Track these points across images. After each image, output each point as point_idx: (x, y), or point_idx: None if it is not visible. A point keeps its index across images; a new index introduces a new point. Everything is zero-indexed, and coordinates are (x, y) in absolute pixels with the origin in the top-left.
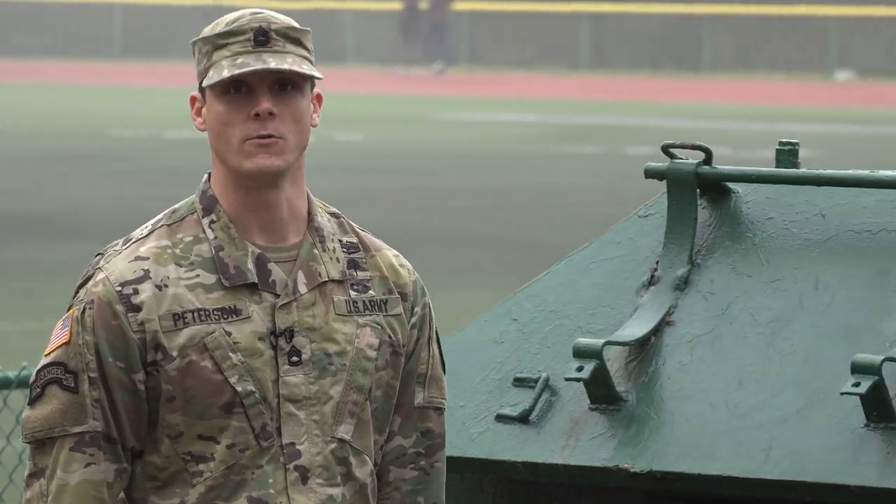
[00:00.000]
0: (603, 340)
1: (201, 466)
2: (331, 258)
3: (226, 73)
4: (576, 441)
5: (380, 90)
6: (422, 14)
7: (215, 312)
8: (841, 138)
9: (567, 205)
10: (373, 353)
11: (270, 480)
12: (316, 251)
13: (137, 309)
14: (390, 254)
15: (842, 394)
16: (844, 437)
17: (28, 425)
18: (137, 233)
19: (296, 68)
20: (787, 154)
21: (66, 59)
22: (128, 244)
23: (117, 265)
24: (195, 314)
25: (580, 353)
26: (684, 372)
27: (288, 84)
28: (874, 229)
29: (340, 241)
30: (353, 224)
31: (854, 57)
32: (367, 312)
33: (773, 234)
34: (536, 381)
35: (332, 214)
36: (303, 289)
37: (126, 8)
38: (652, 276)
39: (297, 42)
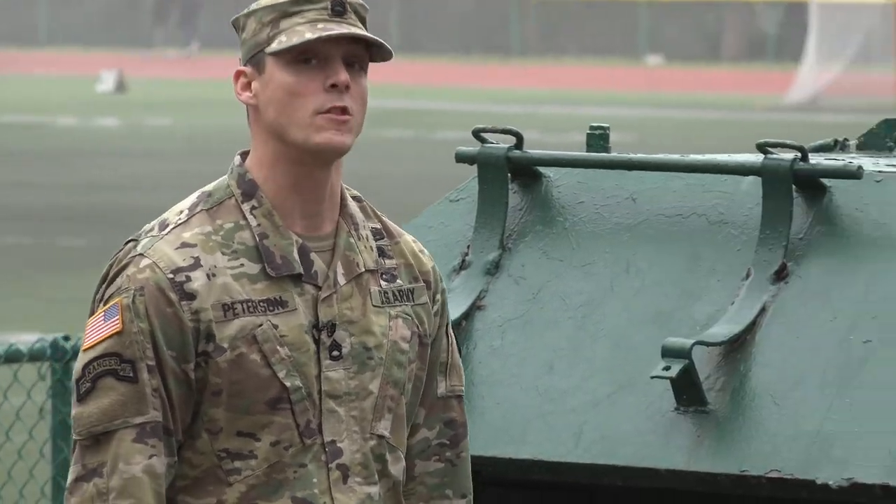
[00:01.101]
0: None
1: (238, 464)
2: (365, 247)
3: (309, 35)
4: None
5: (163, 74)
6: None
7: (262, 304)
8: (651, 123)
9: (378, 189)
10: (406, 346)
11: (315, 480)
12: (352, 240)
13: (191, 297)
14: (410, 239)
15: (652, 377)
16: (654, 420)
17: (81, 422)
18: (173, 217)
19: (379, 39)
20: (598, 138)
21: None
22: (167, 229)
23: (164, 251)
24: (244, 305)
25: None
26: (495, 356)
27: (356, 61)
28: (685, 213)
29: (369, 228)
30: (374, 207)
31: (664, 42)
32: (398, 303)
33: (583, 217)
34: None
35: (355, 198)
36: (342, 280)
37: None
38: (463, 261)
39: (364, 21)
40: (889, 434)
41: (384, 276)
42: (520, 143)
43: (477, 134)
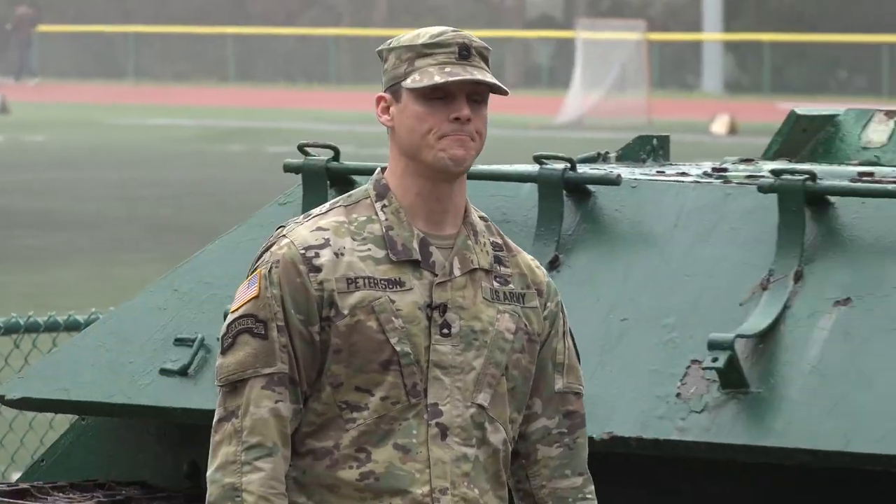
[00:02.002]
0: None
1: (354, 414)
2: (482, 250)
3: (437, 79)
4: None
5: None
6: (9, 33)
7: (382, 282)
8: None
9: (218, 194)
10: (510, 336)
11: (414, 432)
12: (470, 242)
13: (318, 270)
14: (528, 257)
15: None
16: None
17: (222, 371)
18: (317, 210)
19: (497, 83)
20: None
21: None
22: (308, 218)
23: (301, 233)
24: (366, 280)
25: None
26: None
27: (478, 96)
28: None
29: (489, 239)
30: (498, 228)
31: None
32: (507, 302)
33: None
34: (194, 341)
35: (482, 217)
36: (457, 272)
37: None
38: None
39: (486, 60)
40: (641, 395)
41: (497, 278)
42: (337, 156)
43: (301, 148)
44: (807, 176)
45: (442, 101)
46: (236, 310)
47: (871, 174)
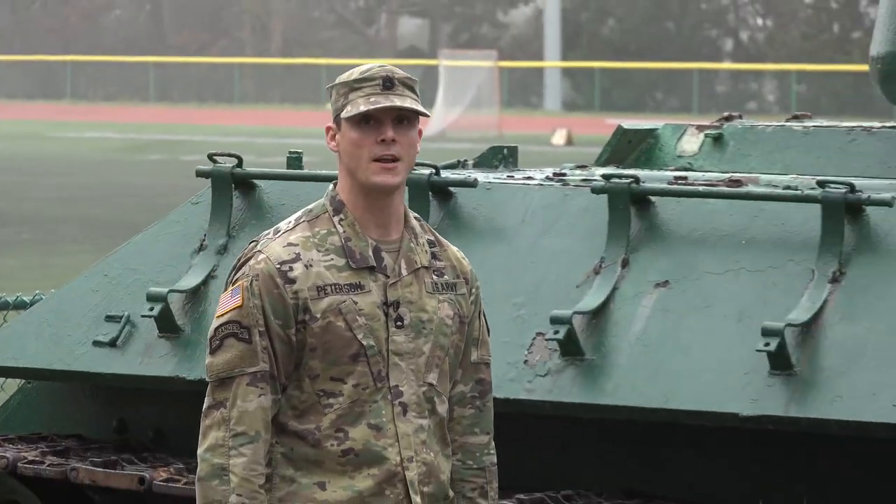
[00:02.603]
0: (167, 289)
1: (331, 400)
2: (421, 249)
3: (363, 108)
4: (149, 359)
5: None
6: None
7: (346, 286)
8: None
9: (140, 196)
10: (449, 322)
11: (383, 412)
12: (412, 244)
13: (292, 281)
14: (455, 249)
15: None
16: None
17: (213, 368)
18: (284, 226)
19: (414, 107)
20: (295, 160)
21: None
22: (278, 234)
23: (275, 249)
24: (332, 287)
25: (152, 298)
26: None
27: (404, 119)
28: None
29: (425, 238)
30: (430, 226)
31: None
32: (445, 292)
33: (285, 214)
34: (121, 317)
35: (416, 218)
36: (404, 272)
37: None
38: (201, 245)
39: (412, 89)
40: (495, 362)
41: (435, 272)
42: (240, 164)
43: (210, 157)
44: (632, 179)
45: (371, 126)
46: (221, 315)
47: (685, 178)
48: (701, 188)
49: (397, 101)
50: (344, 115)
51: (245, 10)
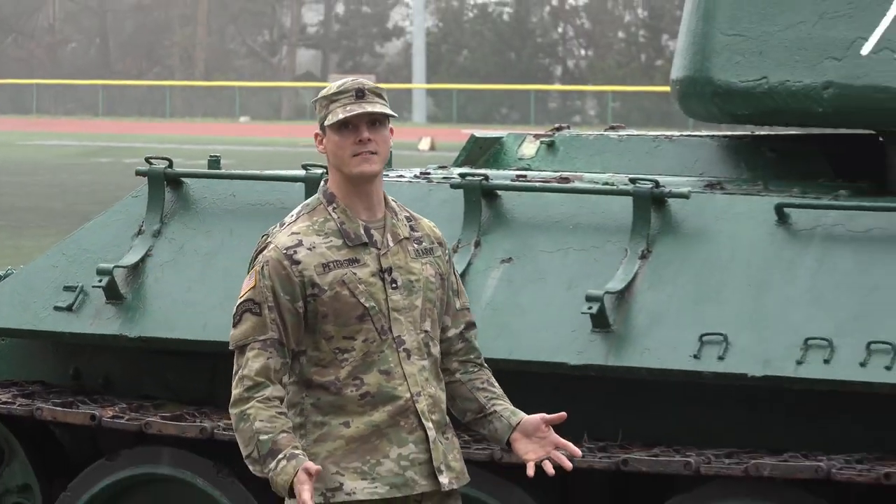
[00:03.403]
0: (113, 265)
1: (346, 355)
2: (402, 224)
3: (341, 115)
4: (98, 321)
5: None
6: None
7: (346, 261)
8: (241, 154)
9: (92, 191)
10: (433, 279)
11: (390, 359)
12: (394, 221)
13: (298, 262)
14: (427, 221)
15: None
16: None
17: (233, 339)
18: (288, 219)
19: (384, 111)
20: (214, 163)
21: None
22: (283, 226)
23: (281, 238)
24: (334, 263)
25: (101, 272)
26: (161, 282)
27: (376, 121)
28: (263, 203)
29: (403, 216)
30: (402, 205)
31: (250, 108)
32: (425, 256)
33: (211, 204)
34: (77, 288)
35: (393, 200)
36: (391, 243)
37: None
38: (140, 230)
39: (381, 96)
40: None
41: (415, 241)
42: (171, 165)
43: (147, 160)
44: (482, 177)
45: (350, 130)
46: (241, 296)
47: (525, 176)
48: (538, 184)
49: (368, 108)
50: (327, 123)
51: (175, 43)
